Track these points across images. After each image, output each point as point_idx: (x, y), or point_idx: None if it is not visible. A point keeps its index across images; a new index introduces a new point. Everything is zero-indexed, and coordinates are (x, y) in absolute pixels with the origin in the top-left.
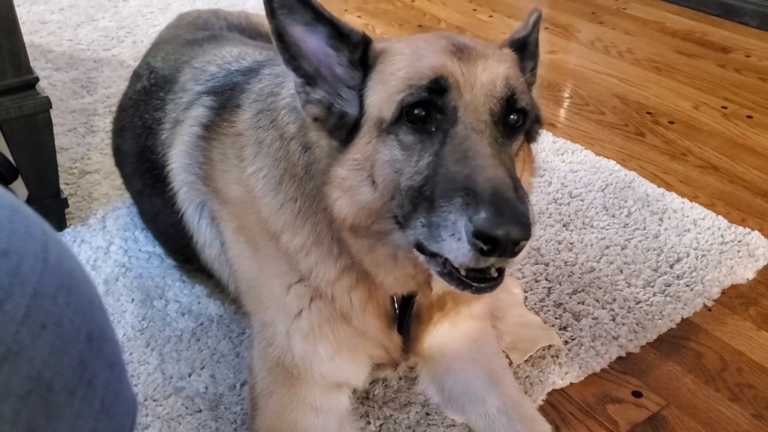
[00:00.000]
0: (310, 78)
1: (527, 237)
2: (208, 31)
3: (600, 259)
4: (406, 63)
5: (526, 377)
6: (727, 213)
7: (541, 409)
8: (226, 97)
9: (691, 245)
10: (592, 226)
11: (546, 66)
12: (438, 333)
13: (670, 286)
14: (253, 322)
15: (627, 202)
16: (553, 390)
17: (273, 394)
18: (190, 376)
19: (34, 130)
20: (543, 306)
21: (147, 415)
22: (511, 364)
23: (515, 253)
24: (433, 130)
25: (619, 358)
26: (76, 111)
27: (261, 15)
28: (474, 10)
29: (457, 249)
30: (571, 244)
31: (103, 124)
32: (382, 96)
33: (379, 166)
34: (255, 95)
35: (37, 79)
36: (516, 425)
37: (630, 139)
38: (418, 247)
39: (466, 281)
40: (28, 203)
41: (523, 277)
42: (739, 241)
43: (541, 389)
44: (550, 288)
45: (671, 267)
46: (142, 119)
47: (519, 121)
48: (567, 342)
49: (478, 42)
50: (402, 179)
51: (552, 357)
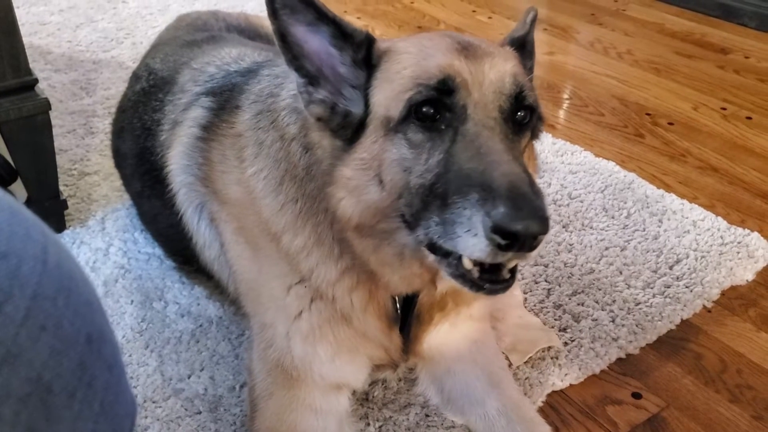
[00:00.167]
0: (312, 78)
1: (545, 231)
2: (208, 33)
3: (599, 260)
4: (412, 62)
5: (526, 378)
6: (727, 214)
7: (541, 410)
8: (225, 98)
9: (690, 246)
10: (591, 228)
11: (545, 67)
12: (438, 334)
13: (669, 288)
14: (253, 323)
15: (626, 203)
16: (553, 391)
17: (272, 396)
18: (189, 378)
19: (33, 131)
20: (542, 307)
21: (146, 417)
22: (510, 365)
23: (533, 248)
24: (442, 128)
25: (619, 360)
26: (75, 112)
27: (260, 16)
28: (473, 11)
29: (474, 245)
30: (570, 245)
31: (103, 125)
32: (389, 95)
33: (387, 165)
34: (254, 96)
35: (36, 81)
36: (516, 427)
37: (629, 141)
38: (430, 246)
39: (479, 283)
40: (28, 205)
41: (523, 279)
42: (739, 243)
43: (541, 390)
44: (549, 289)
45: (671, 268)
46: (141, 120)
47: (527, 117)
48: (566, 343)
49: (482, 40)
50: (411, 177)
51: (552, 358)
